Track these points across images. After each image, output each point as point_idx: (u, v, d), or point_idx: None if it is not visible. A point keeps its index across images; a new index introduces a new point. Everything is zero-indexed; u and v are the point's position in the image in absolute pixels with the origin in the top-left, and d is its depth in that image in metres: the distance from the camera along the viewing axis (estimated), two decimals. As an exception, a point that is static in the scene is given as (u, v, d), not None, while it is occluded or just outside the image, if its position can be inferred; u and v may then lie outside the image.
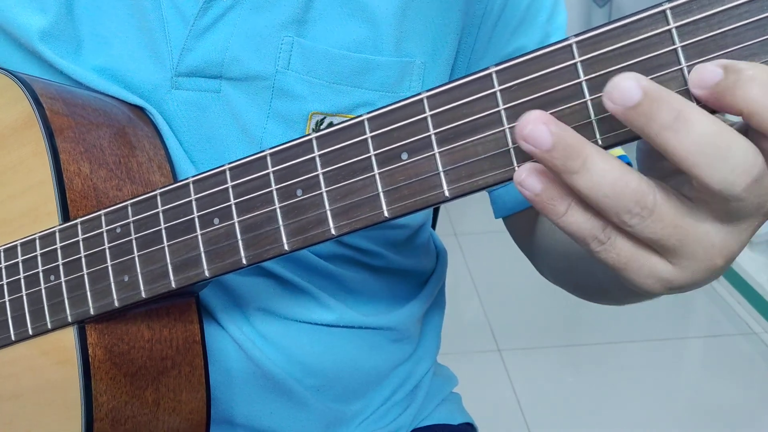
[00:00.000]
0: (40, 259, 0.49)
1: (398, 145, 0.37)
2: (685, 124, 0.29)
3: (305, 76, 0.54)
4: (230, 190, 0.42)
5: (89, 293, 0.47)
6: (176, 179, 0.54)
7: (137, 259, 0.45)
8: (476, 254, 2.20)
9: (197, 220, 0.43)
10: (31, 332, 0.49)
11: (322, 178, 0.39)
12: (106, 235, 0.46)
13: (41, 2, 0.54)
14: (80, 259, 0.47)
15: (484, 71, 0.34)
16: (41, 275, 0.49)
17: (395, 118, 0.37)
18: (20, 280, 0.50)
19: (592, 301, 0.57)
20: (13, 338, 0.50)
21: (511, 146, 0.34)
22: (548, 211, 0.33)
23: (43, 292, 0.49)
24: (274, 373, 0.59)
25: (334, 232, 0.39)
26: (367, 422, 0.66)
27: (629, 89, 0.29)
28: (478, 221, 2.31)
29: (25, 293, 0.50)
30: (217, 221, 0.42)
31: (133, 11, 0.54)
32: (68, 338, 0.48)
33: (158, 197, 0.44)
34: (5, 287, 0.51)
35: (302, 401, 0.61)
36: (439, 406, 0.72)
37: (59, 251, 0.48)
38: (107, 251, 0.46)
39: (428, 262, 0.71)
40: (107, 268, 0.46)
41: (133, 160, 0.52)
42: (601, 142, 0.32)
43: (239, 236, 0.41)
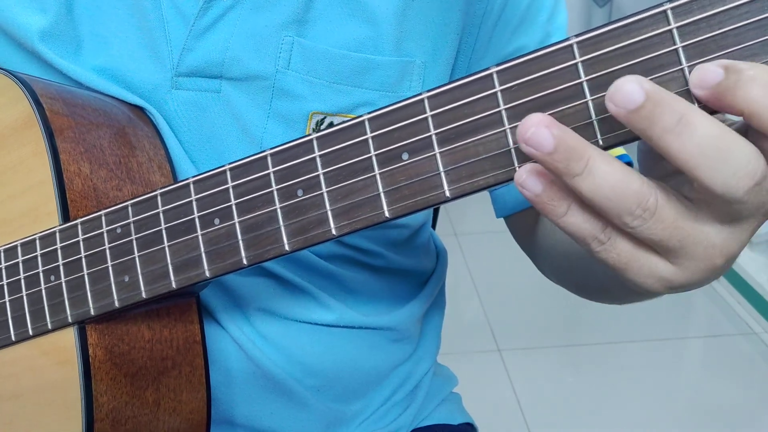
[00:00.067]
0: (40, 259, 0.49)
1: (399, 145, 0.36)
2: (687, 127, 0.29)
3: (305, 75, 0.54)
4: (231, 190, 0.42)
5: (89, 294, 0.47)
6: (176, 179, 0.54)
7: (138, 259, 0.45)
8: (476, 254, 2.20)
9: (198, 220, 0.43)
10: (31, 332, 0.49)
11: (322, 178, 0.39)
12: (106, 235, 0.46)
13: (41, 2, 0.54)
14: (80, 259, 0.47)
15: (484, 71, 0.34)
16: (41, 276, 0.49)
17: (396, 118, 0.37)
18: (20, 280, 0.50)
19: (593, 300, 0.57)
20: (13, 338, 0.50)
21: (512, 146, 0.34)
22: (548, 211, 0.33)
23: (43, 292, 0.49)
24: (274, 373, 0.59)
25: (334, 232, 0.38)
26: (367, 422, 0.66)
27: (632, 92, 0.29)
28: (478, 221, 2.31)
29: (25, 293, 0.50)
30: (217, 221, 0.42)
31: (133, 11, 0.54)
32: (68, 338, 0.48)
33: (158, 197, 0.44)
34: (5, 287, 0.51)
35: (302, 401, 0.61)
36: (439, 406, 0.72)
37: (59, 251, 0.48)
38: (107, 251, 0.46)
39: (428, 262, 0.71)
40: (108, 268, 0.46)
41: (133, 160, 0.52)
42: (602, 142, 0.32)
43: (240, 236, 0.41)
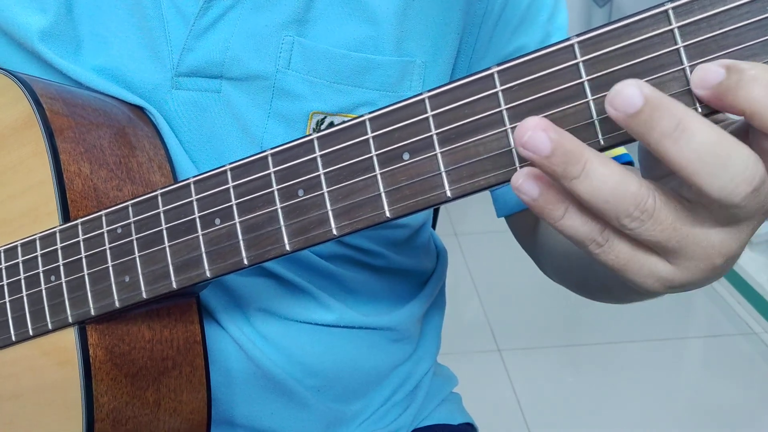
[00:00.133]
0: (40, 259, 0.49)
1: (400, 145, 0.36)
2: (684, 132, 0.29)
3: (306, 75, 0.54)
4: (231, 190, 0.41)
5: (90, 294, 0.47)
6: (176, 179, 0.54)
7: (138, 259, 0.45)
8: (476, 254, 2.20)
9: (198, 220, 0.43)
10: (31, 333, 0.49)
11: (323, 178, 0.39)
12: (106, 235, 0.46)
13: (41, 2, 0.54)
14: (81, 259, 0.47)
15: (485, 71, 0.34)
16: (42, 276, 0.49)
17: (397, 118, 0.37)
18: (21, 280, 0.50)
19: (594, 299, 0.57)
20: (13, 339, 0.50)
21: (512, 146, 0.34)
22: (546, 215, 0.33)
23: (43, 292, 0.49)
24: (274, 373, 0.59)
25: (335, 232, 0.38)
26: (367, 422, 0.66)
27: (631, 96, 0.29)
28: (478, 221, 2.31)
29: (25, 294, 0.49)
30: (218, 221, 0.42)
31: (133, 11, 0.54)
32: (69, 339, 0.48)
33: (159, 197, 0.44)
34: (6, 288, 0.51)
35: (302, 401, 0.61)
36: (439, 406, 0.72)
37: (60, 252, 0.48)
38: (108, 252, 0.46)
39: (428, 262, 0.71)
40: (108, 268, 0.46)
41: (133, 160, 0.52)
42: (603, 142, 0.32)
43: (240, 237, 0.41)
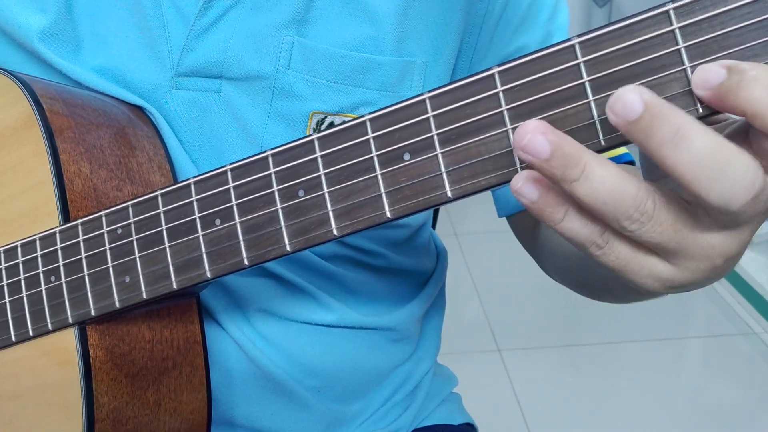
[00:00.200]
0: (40, 260, 0.49)
1: (400, 145, 0.36)
2: (683, 140, 0.29)
3: (306, 75, 0.54)
4: (232, 190, 0.41)
5: (90, 294, 0.47)
6: (176, 179, 0.53)
7: (138, 260, 0.45)
8: (476, 254, 2.20)
9: (199, 220, 0.43)
10: (31, 333, 0.49)
11: (324, 178, 0.39)
12: (107, 235, 0.46)
13: (41, 2, 0.54)
14: (81, 260, 0.47)
15: (486, 72, 0.34)
16: (42, 276, 0.49)
17: (397, 118, 0.36)
18: (21, 281, 0.50)
19: (596, 299, 0.57)
20: (13, 339, 0.50)
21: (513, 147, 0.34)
22: (546, 217, 0.33)
23: (43, 293, 0.48)
24: (274, 373, 0.59)
25: (336, 233, 0.38)
26: (367, 423, 0.66)
27: (632, 102, 0.29)
28: (478, 221, 2.31)
29: (25, 294, 0.49)
30: (218, 222, 0.42)
31: (132, 11, 0.54)
32: (69, 339, 0.48)
33: (159, 198, 0.44)
34: (5, 288, 0.51)
35: (303, 402, 0.61)
36: (439, 406, 0.72)
37: (60, 252, 0.48)
38: (108, 252, 0.46)
39: (428, 262, 0.71)
40: (108, 269, 0.46)
41: (133, 160, 0.52)
42: (604, 142, 0.32)
43: (241, 237, 0.41)
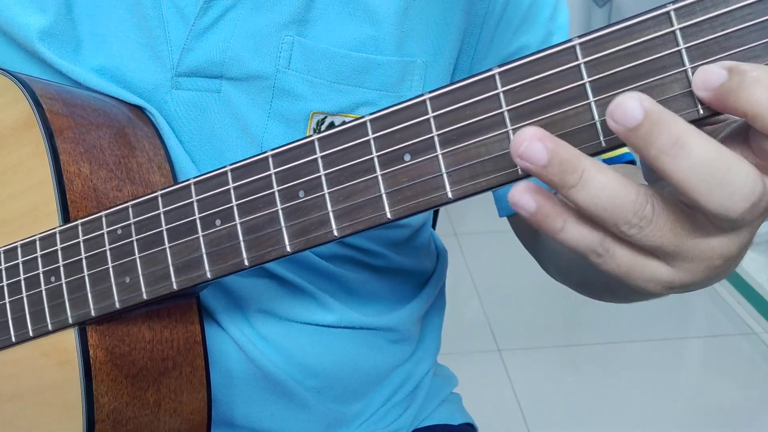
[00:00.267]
0: (40, 260, 0.49)
1: (401, 146, 0.36)
2: (683, 149, 0.29)
3: (306, 75, 0.54)
4: (232, 191, 0.41)
5: (90, 295, 0.46)
6: (176, 179, 0.53)
7: (138, 260, 0.45)
8: (476, 254, 2.20)
9: (199, 221, 0.43)
10: (31, 334, 0.49)
11: (324, 179, 0.39)
12: (107, 236, 0.46)
13: (40, 2, 0.54)
14: (81, 260, 0.47)
15: (487, 72, 0.34)
16: (42, 277, 0.49)
17: (398, 119, 0.36)
18: (20, 281, 0.50)
19: (597, 299, 0.56)
20: (13, 339, 0.50)
21: (514, 148, 0.34)
22: (545, 227, 0.32)
23: (43, 293, 0.48)
24: (274, 374, 0.59)
25: (336, 233, 0.38)
26: (367, 423, 0.66)
27: (632, 109, 0.29)
28: (478, 221, 2.31)
29: (25, 295, 0.49)
30: (218, 222, 0.42)
31: (132, 11, 0.54)
32: (69, 340, 0.48)
33: (159, 198, 0.44)
34: (5, 289, 0.51)
35: (303, 402, 0.61)
36: (439, 406, 0.72)
37: (60, 252, 0.48)
38: (108, 252, 0.46)
39: (429, 262, 0.71)
40: (108, 269, 0.46)
41: (133, 160, 0.52)
42: (604, 143, 0.32)
43: (241, 238, 0.41)
